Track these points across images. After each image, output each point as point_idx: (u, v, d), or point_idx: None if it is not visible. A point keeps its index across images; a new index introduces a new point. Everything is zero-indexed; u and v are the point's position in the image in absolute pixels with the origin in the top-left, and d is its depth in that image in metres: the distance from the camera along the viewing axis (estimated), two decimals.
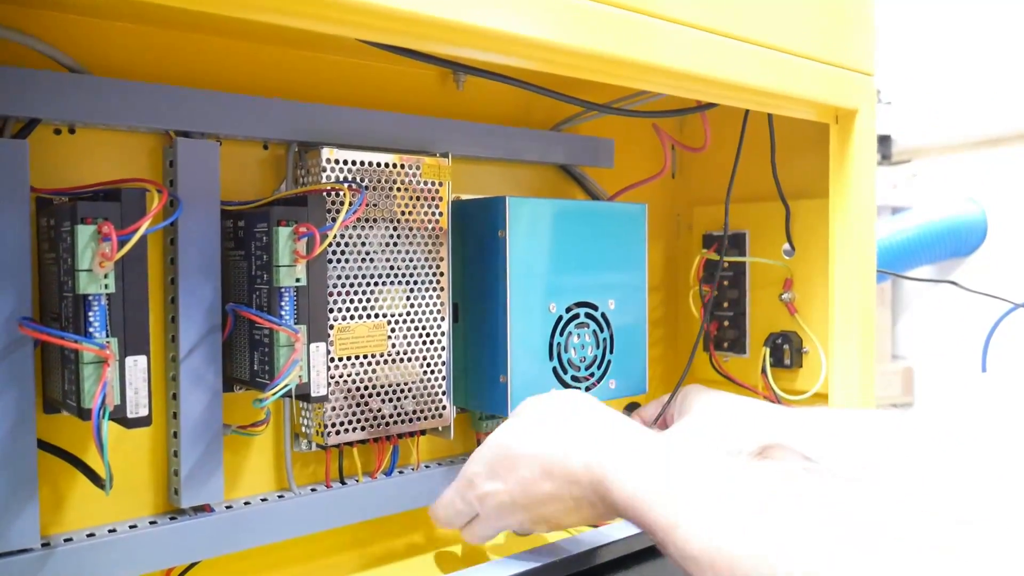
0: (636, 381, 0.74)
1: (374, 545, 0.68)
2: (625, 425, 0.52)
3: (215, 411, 0.56)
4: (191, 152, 0.54)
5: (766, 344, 0.81)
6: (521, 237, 0.65)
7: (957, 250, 2.30)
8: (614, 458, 0.49)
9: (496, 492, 0.55)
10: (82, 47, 0.53)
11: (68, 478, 0.54)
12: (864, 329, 0.74)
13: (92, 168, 0.54)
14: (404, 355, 0.63)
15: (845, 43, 0.71)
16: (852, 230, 0.73)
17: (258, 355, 0.54)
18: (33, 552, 0.49)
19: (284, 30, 0.58)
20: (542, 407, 0.57)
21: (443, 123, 0.67)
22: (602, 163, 0.79)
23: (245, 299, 0.56)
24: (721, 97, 0.66)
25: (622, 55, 0.54)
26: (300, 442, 0.62)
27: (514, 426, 0.56)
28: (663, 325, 0.91)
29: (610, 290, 0.71)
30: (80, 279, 0.45)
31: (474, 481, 0.56)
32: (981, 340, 1.35)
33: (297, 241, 0.52)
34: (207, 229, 0.55)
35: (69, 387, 0.47)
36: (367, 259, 0.61)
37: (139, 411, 0.48)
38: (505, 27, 0.48)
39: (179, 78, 0.57)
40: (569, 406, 0.56)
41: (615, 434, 0.51)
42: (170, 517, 0.56)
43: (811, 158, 0.79)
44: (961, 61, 2.35)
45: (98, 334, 0.45)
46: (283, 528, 0.60)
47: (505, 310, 0.64)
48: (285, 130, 0.59)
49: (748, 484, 0.42)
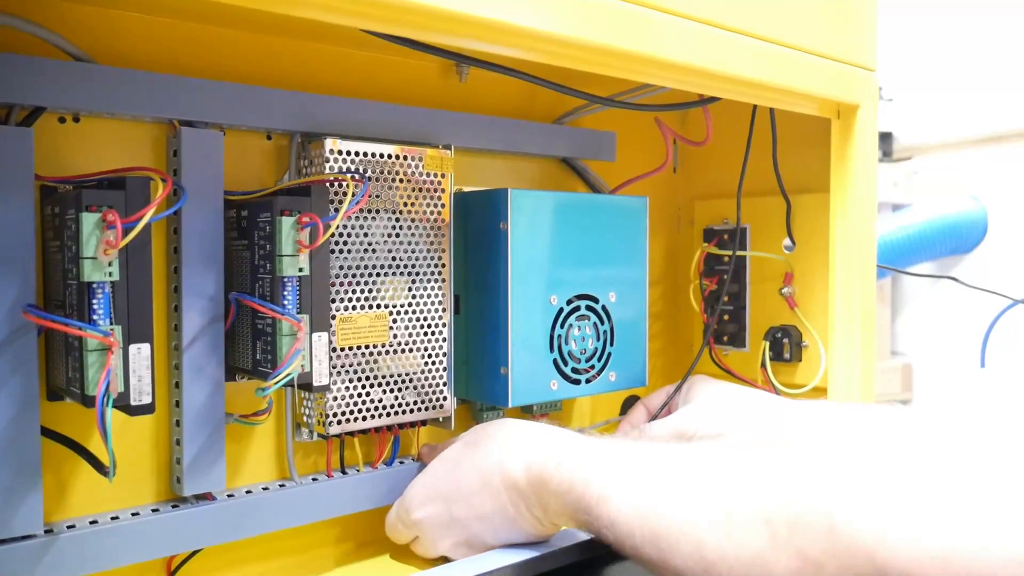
0: (636, 374, 0.74)
1: (374, 534, 0.69)
2: (555, 430, 0.55)
3: (217, 400, 0.56)
4: (195, 141, 0.54)
5: (766, 338, 0.81)
6: (523, 229, 0.65)
7: (957, 247, 2.30)
8: (551, 454, 0.52)
9: (434, 515, 0.58)
10: (87, 36, 0.53)
11: (71, 465, 0.54)
12: (864, 324, 0.74)
13: (96, 157, 0.54)
14: (405, 346, 0.64)
15: (848, 38, 0.72)
16: (853, 225, 0.73)
17: (261, 344, 0.55)
18: (36, 538, 0.50)
19: (288, 20, 0.58)
20: (472, 435, 0.60)
21: (446, 115, 0.67)
22: (604, 156, 0.80)
23: (248, 289, 0.56)
24: (724, 91, 0.66)
25: (626, 48, 0.54)
26: (301, 432, 0.63)
27: (451, 450, 0.60)
28: (663, 319, 0.92)
29: (611, 283, 0.71)
30: (85, 267, 0.45)
31: (410, 507, 0.59)
32: (980, 337, 1.36)
33: (300, 231, 0.53)
34: (210, 218, 0.55)
35: (73, 374, 0.47)
36: (369, 250, 0.61)
37: (142, 399, 0.48)
38: (509, 19, 0.48)
39: (184, 68, 0.57)
40: (498, 424, 0.59)
41: (549, 437, 0.54)
42: (172, 505, 0.56)
43: (812, 153, 0.79)
44: (963, 59, 2.35)
45: (102, 322, 0.46)
46: (284, 517, 0.60)
47: (506, 302, 0.65)
48: (289, 120, 0.59)
49: (653, 457, 0.48)
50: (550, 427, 0.56)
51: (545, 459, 0.51)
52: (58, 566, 0.50)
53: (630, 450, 0.49)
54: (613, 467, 0.48)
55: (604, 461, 0.49)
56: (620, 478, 0.47)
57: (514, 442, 0.55)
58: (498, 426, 0.58)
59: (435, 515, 0.58)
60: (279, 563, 0.63)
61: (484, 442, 0.57)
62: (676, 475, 0.45)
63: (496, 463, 0.54)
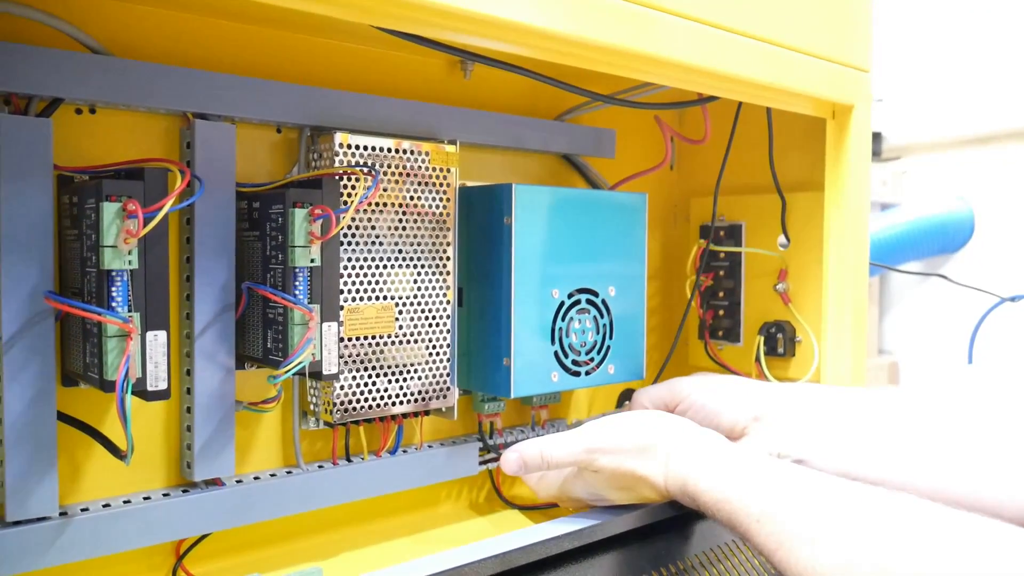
0: (634, 367, 0.75)
1: (379, 520, 0.70)
2: (706, 441, 0.58)
3: (228, 387, 0.57)
4: (209, 134, 0.55)
5: (760, 333, 0.83)
6: (526, 224, 0.66)
7: (944, 247, 2.33)
8: (704, 472, 0.55)
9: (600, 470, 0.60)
10: (105, 29, 0.54)
11: (84, 449, 0.55)
12: (856, 319, 0.76)
13: (110, 148, 0.55)
14: (410, 337, 0.65)
15: (844, 40, 0.73)
16: (846, 223, 0.75)
17: (272, 333, 0.56)
18: (51, 520, 0.51)
19: (300, 16, 0.59)
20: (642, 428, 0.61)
21: (452, 111, 0.68)
22: (604, 153, 0.81)
23: (259, 279, 0.57)
24: (723, 90, 0.68)
25: (627, 46, 0.56)
26: (308, 420, 0.64)
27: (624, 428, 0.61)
28: (659, 313, 0.93)
29: (611, 277, 0.73)
30: (105, 255, 0.46)
31: (595, 453, 0.60)
32: (967, 335, 1.38)
33: (312, 223, 0.54)
34: (223, 210, 0.56)
35: (91, 360, 0.48)
36: (376, 242, 0.62)
37: (158, 384, 0.49)
38: (514, 16, 0.50)
39: (197, 61, 0.58)
40: (663, 429, 0.61)
41: (704, 452, 0.57)
42: (183, 490, 0.58)
43: (807, 152, 0.81)
44: (952, 61, 2.37)
45: (120, 309, 0.47)
46: (291, 503, 0.61)
47: (509, 294, 0.66)
48: (299, 114, 0.60)
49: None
50: (704, 439, 0.59)
51: (697, 477, 0.55)
52: (72, 547, 0.52)
53: (783, 476, 0.52)
54: (766, 492, 0.51)
55: (754, 484, 0.52)
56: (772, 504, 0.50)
57: (671, 454, 0.58)
58: (663, 431, 0.60)
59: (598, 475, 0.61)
60: (285, 548, 0.64)
61: (648, 450, 0.59)
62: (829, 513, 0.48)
63: (652, 474, 0.58)
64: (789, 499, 0.49)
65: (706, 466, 0.55)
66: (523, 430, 0.77)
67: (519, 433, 0.77)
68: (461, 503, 0.77)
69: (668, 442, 0.58)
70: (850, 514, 0.46)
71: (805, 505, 0.48)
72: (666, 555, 0.59)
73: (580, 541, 0.56)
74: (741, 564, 0.62)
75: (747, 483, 0.51)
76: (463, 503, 0.77)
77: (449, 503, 0.76)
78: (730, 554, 0.62)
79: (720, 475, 0.53)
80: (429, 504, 0.74)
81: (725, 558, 0.62)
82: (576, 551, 0.56)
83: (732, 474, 0.53)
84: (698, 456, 0.56)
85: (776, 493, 0.50)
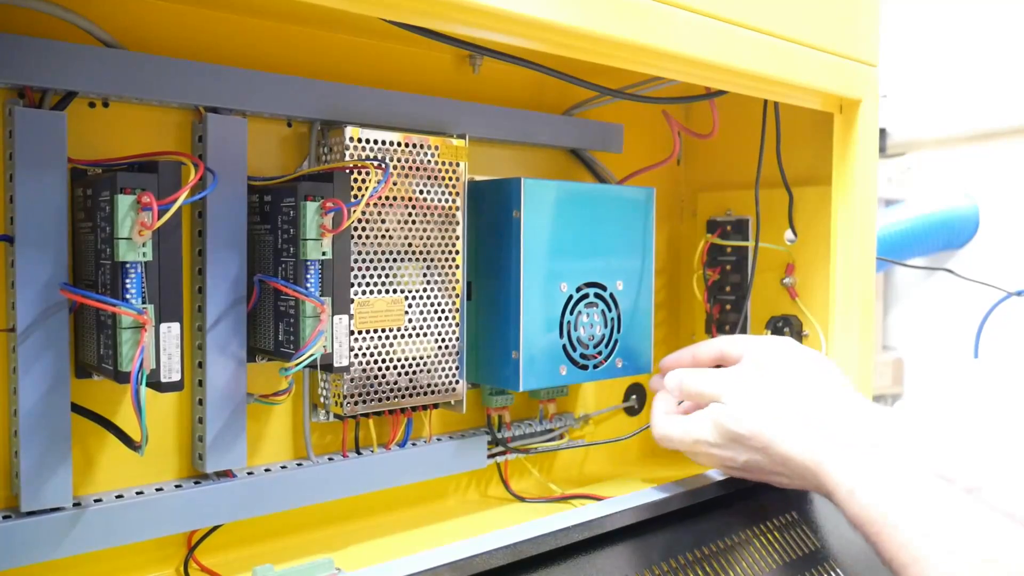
0: (642, 361, 0.76)
1: (386, 514, 0.71)
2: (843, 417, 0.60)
3: (240, 380, 0.57)
4: (220, 127, 0.56)
5: (767, 327, 0.83)
6: (535, 218, 0.67)
7: (949, 242, 2.33)
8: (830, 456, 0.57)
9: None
10: (119, 23, 0.54)
11: (98, 441, 0.55)
12: (863, 313, 0.76)
13: (123, 141, 0.55)
14: (419, 330, 0.65)
15: (851, 34, 0.73)
16: (854, 217, 0.75)
17: (283, 326, 0.56)
18: (65, 511, 0.51)
19: (311, 10, 0.59)
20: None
21: (461, 105, 0.69)
22: (612, 148, 0.81)
23: (270, 272, 0.57)
24: (731, 84, 0.68)
25: (637, 40, 0.56)
26: (318, 412, 0.64)
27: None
28: (666, 308, 0.94)
29: (618, 271, 0.73)
30: (119, 247, 0.46)
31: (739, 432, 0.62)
32: (972, 331, 1.38)
33: (324, 216, 0.54)
34: (235, 203, 0.56)
35: (105, 351, 0.48)
36: (386, 236, 0.63)
37: (172, 376, 0.50)
38: (524, 9, 0.50)
39: (209, 55, 0.58)
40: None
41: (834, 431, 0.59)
42: (194, 481, 0.58)
43: (814, 146, 0.81)
44: (957, 56, 2.37)
45: (135, 300, 0.47)
46: (301, 495, 0.62)
47: (518, 288, 0.66)
48: (310, 108, 0.60)
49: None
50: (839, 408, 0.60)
51: (822, 463, 0.57)
52: (85, 538, 0.52)
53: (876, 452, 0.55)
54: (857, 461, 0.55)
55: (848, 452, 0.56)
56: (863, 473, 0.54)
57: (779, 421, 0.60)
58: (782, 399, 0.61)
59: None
60: (295, 539, 0.65)
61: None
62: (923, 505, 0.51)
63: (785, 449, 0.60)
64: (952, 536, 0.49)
65: (864, 473, 0.55)
66: (531, 423, 0.78)
67: (527, 426, 0.77)
68: (469, 496, 0.77)
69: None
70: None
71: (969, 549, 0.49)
72: (676, 546, 0.60)
73: (589, 532, 0.56)
74: (751, 555, 0.62)
75: (909, 506, 0.52)
76: (471, 496, 0.77)
77: (457, 496, 0.76)
78: (740, 546, 0.62)
79: (881, 491, 0.54)
80: (438, 497, 0.75)
81: (735, 550, 0.62)
82: (585, 542, 0.56)
83: (895, 495, 0.53)
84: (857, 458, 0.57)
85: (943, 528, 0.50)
